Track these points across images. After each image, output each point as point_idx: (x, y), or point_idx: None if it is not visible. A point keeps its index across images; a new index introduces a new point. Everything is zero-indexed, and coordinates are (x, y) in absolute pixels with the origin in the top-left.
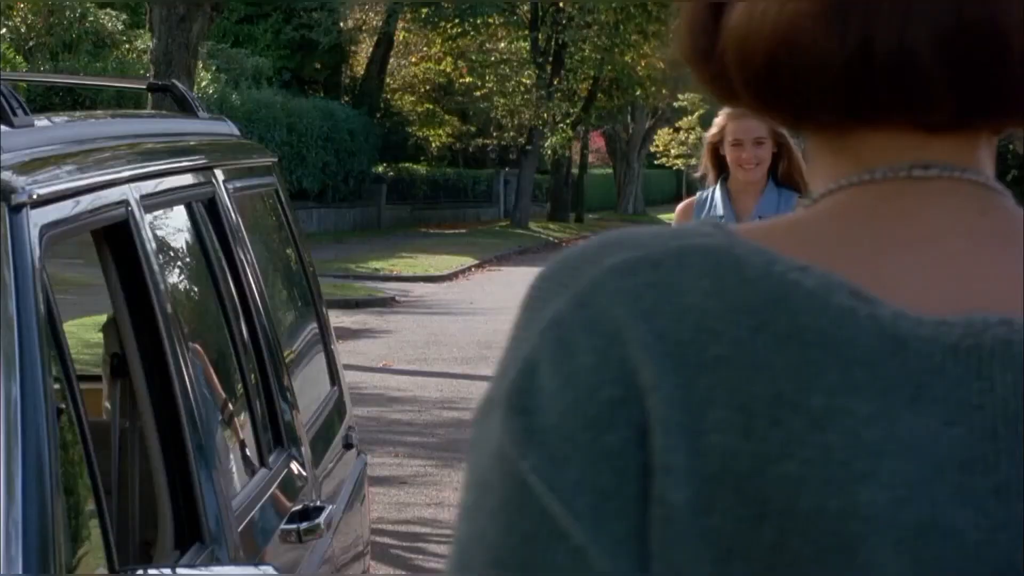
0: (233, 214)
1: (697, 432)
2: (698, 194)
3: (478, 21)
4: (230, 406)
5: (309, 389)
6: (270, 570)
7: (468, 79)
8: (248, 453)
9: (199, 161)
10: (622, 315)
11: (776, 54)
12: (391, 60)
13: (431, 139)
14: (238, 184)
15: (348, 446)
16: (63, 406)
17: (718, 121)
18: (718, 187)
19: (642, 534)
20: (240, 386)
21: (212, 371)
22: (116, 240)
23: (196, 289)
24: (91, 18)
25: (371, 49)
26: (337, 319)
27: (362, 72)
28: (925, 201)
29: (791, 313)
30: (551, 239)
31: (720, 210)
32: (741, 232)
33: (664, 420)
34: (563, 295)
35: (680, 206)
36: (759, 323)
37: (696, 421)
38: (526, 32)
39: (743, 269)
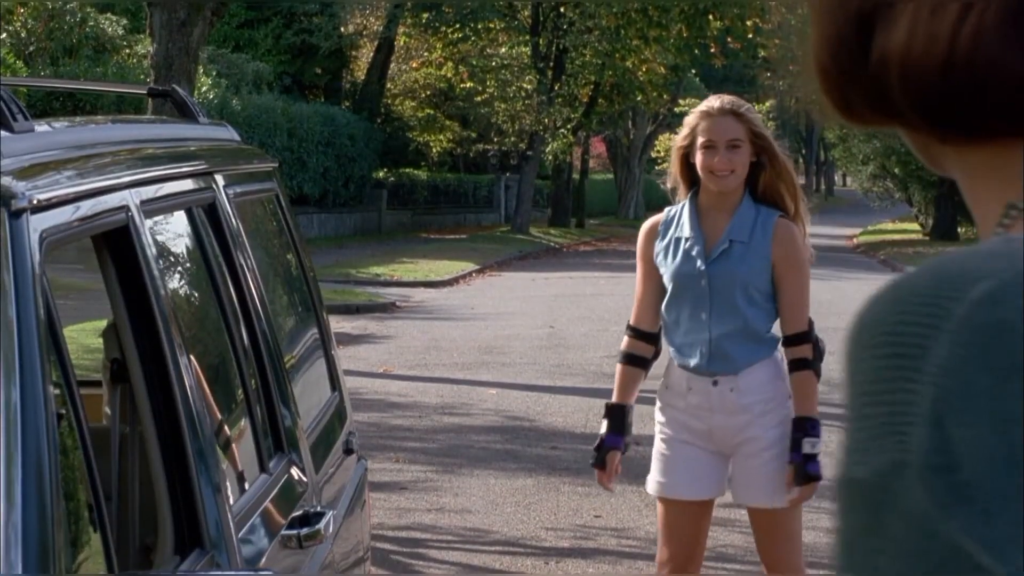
0: (233, 219)
1: None
2: (665, 211)
3: (479, 26)
4: (230, 411)
5: (309, 394)
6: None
7: (469, 84)
8: (248, 458)
9: (199, 166)
10: (1014, 347)
11: (954, 70)
12: (392, 65)
13: (432, 144)
14: (238, 189)
15: (348, 451)
16: (63, 411)
17: (688, 121)
18: (687, 203)
19: None
20: (240, 391)
21: (212, 376)
22: (116, 245)
23: (196, 294)
24: (91, 23)
25: (372, 54)
26: (337, 324)
27: (363, 77)
28: None
29: None
30: (552, 244)
31: (686, 231)
32: None
33: None
34: (938, 338)
35: (644, 227)
36: None
37: None
38: (527, 37)
39: None
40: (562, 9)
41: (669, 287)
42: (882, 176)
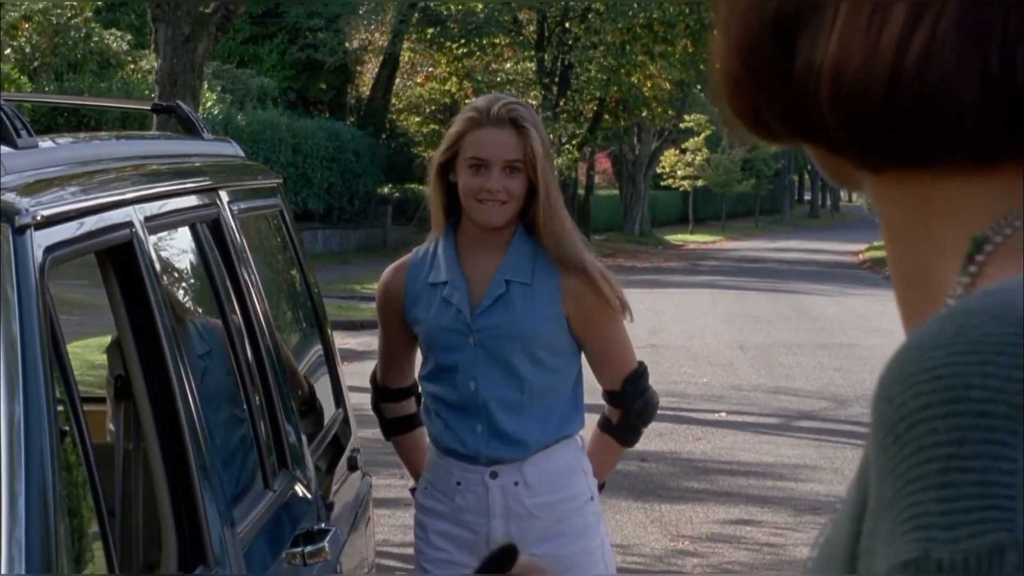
0: (238, 235)
1: None
2: (415, 251)
3: (484, 41)
4: (235, 428)
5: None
6: None
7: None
8: (253, 475)
9: (204, 182)
10: None
11: (902, 89)
12: (397, 80)
13: None
14: (243, 205)
15: (353, 468)
16: (67, 428)
17: (452, 132)
18: (442, 239)
19: None
20: (245, 408)
21: (216, 393)
22: (120, 261)
23: (200, 310)
24: (96, 38)
25: (377, 69)
26: (342, 340)
27: (367, 92)
28: None
29: None
30: None
31: (443, 275)
32: None
33: None
34: None
35: (388, 270)
36: None
37: None
38: (532, 52)
39: None
40: (567, 25)
41: (425, 346)
42: None
